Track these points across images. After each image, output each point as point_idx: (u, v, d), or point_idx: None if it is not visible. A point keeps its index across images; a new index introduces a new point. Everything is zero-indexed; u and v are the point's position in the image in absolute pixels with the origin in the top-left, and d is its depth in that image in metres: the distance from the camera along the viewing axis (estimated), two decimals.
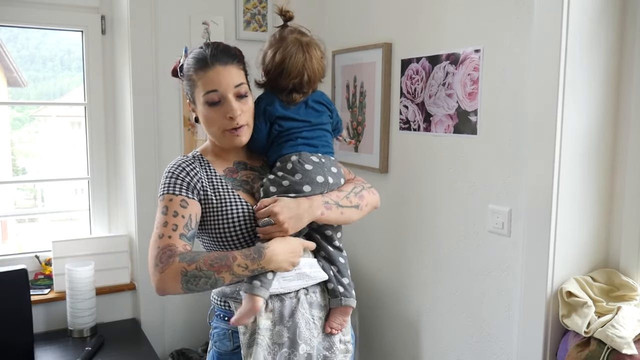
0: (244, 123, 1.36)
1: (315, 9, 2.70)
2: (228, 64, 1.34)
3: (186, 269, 1.21)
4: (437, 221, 2.04)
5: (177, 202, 1.29)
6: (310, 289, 1.41)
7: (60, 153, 2.84)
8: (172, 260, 1.21)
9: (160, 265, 1.22)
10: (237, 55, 1.39)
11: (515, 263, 1.72)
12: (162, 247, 1.24)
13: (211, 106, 1.33)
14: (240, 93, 1.35)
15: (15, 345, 2.06)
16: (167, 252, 1.23)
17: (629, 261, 1.58)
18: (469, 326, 1.92)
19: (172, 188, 1.32)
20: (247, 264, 1.24)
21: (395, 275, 2.28)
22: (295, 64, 1.39)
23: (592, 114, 1.57)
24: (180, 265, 1.21)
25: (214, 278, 1.22)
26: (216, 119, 1.34)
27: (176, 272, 1.21)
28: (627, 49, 1.56)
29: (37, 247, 2.48)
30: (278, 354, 1.32)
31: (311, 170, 1.37)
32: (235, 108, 1.32)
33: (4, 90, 2.60)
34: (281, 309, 1.34)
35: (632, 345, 1.36)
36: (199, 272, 1.21)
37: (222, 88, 1.32)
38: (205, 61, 1.33)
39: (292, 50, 1.39)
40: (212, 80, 1.32)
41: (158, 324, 2.48)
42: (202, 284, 1.22)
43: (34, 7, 2.33)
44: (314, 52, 1.41)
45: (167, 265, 1.21)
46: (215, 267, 1.22)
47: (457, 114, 1.91)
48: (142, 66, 2.34)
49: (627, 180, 1.58)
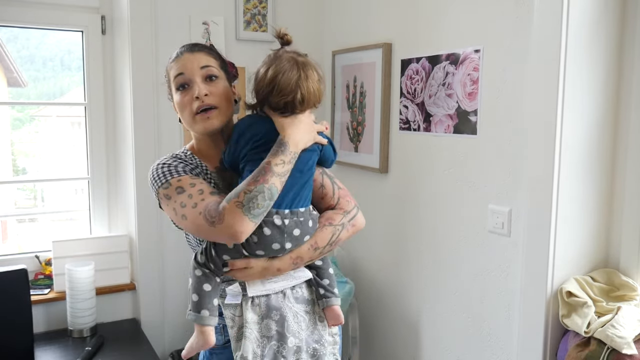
0: (212, 103, 1.34)
1: (315, 9, 2.70)
2: (195, 51, 1.38)
3: (239, 201, 1.18)
4: (437, 221, 2.04)
5: (187, 179, 1.29)
6: (296, 285, 1.41)
7: (60, 153, 2.84)
8: (221, 207, 1.19)
9: (214, 220, 1.19)
10: (207, 47, 1.41)
11: (515, 263, 1.72)
12: (203, 210, 1.22)
13: (180, 91, 1.36)
14: (208, 74, 1.36)
15: (15, 345, 2.06)
16: (211, 207, 1.21)
17: (629, 261, 1.58)
18: (469, 326, 1.92)
19: (175, 172, 1.31)
20: (283, 159, 1.23)
21: (395, 276, 2.28)
22: (288, 79, 1.30)
23: (592, 114, 1.57)
24: (232, 202, 1.19)
25: (267, 188, 1.19)
26: (186, 102, 1.35)
27: (233, 211, 1.18)
28: (627, 49, 1.56)
29: (37, 247, 2.48)
30: (267, 347, 1.32)
31: (269, 236, 1.27)
32: (201, 88, 1.33)
33: (4, 90, 2.61)
34: (267, 303, 1.34)
35: (632, 345, 1.36)
36: (251, 194, 1.18)
37: (188, 70, 1.35)
38: (176, 54, 1.39)
39: (285, 66, 1.31)
40: (179, 66, 1.36)
41: (158, 324, 2.48)
42: (262, 201, 1.19)
43: (34, 7, 2.33)
44: (311, 72, 1.33)
45: (222, 213, 1.18)
46: (260, 179, 1.20)
47: (457, 114, 1.91)
48: (142, 66, 2.34)
49: (627, 180, 1.58)
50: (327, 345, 1.42)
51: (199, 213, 1.22)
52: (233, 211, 1.17)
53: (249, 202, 1.18)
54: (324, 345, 1.41)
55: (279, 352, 1.33)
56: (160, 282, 2.47)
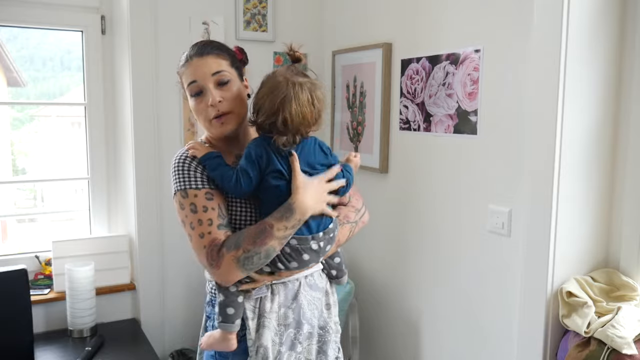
0: (227, 110, 1.36)
1: (315, 9, 2.70)
2: (204, 54, 1.37)
3: (236, 257, 1.26)
4: (437, 221, 2.04)
5: (203, 196, 1.32)
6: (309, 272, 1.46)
7: (60, 153, 2.84)
8: (221, 254, 1.27)
9: (213, 263, 1.28)
10: (216, 47, 1.40)
11: (515, 263, 1.72)
12: (207, 245, 1.29)
13: (194, 97, 1.37)
14: (220, 80, 1.36)
15: (15, 345, 2.06)
16: (214, 247, 1.28)
17: (629, 261, 1.58)
18: (468, 326, 1.92)
19: (194, 182, 1.33)
20: (285, 225, 1.27)
21: (396, 276, 2.28)
22: (273, 100, 1.27)
23: (592, 114, 1.57)
24: (230, 255, 1.26)
25: (264, 250, 1.26)
26: (201, 109, 1.37)
27: (229, 263, 1.26)
28: (627, 49, 1.56)
29: (37, 247, 2.47)
30: (285, 335, 1.37)
31: (307, 260, 1.34)
32: (214, 96, 1.34)
33: (4, 90, 2.61)
34: (285, 292, 1.39)
35: (632, 345, 1.36)
36: (248, 253, 1.25)
37: (200, 78, 1.35)
38: (186, 58, 1.39)
39: (275, 86, 1.28)
40: (190, 72, 1.37)
41: (158, 324, 2.48)
42: (257, 261, 1.26)
43: (34, 7, 2.33)
44: (302, 93, 1.27)
45: (220, 260, 1.27)
46: (259, 242, 1.25)
47: (457, 114, 1.91)
48: (142, 66, 2.34)
49: (627, 180, 1.58)
50: (332, 332, 1.47)
51: (203, 247, 1.29)
52: (229, 264, 1.26)
53: (245, 260, 1.26)
54: (328, 332, 1.47)
55: (295, 339, 1.38)
56: (160, 282, 2.47)
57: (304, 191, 1.29)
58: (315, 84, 1.32)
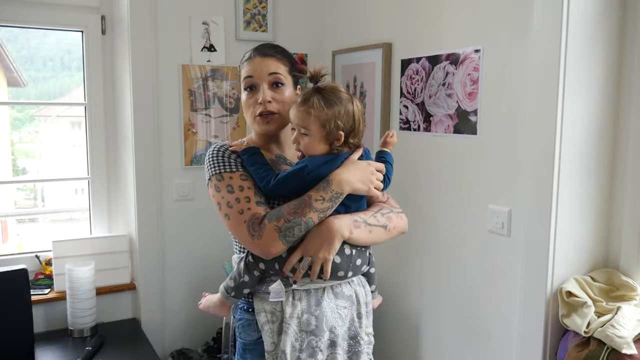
0: (274, 110, 1.42)
1: (315, 9, 2.70)
2: (267, 56, 1.44)
3: (278, 226, 1.28)
4: (437, 221, 2.04)
5: (238, 177, 1.36)
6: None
7: (60, 153, 2.84)
8: (263, 225, 1.29)
9: (255, 234, 1.30)
10: (280, 51, 1.47)
11: (515, 263, 1.72)
12: (248, 219, 1.31)
13: (247, 92, 1.44)
14: (275, 81, 1.42)
15: (15, 345, 2.06)
16: (255, 220, 1.31)
17: (628, 261, 1.58)
18: (469, 326, 1.92)
19: (228, 165, 1.38)
20: (322, 195, 1.30)
21: (395, 276, 2.28)
22: (357, 119, 1.37)
23: (592, 114, 1.57)
24: (272, 225, 1.29)
25: (304, 222, 1.29)
26: (250, 104, 1.43)
27: (271, 233, 1.28)
28: (627, 49, 1.56)
29: (38, 247, 2.48)
30: (305, 341, 1.35)
31: (339, 263, 1.36)
32: (266, 94, 1.40)
33: (4, 90, 2.61)
34: (308, 299, 1.37)
35: (632, 345, 1.36)
36: (290, 223, 1.28)
37: (257, 74, 1.42)
38: (249, 55, 1.47)
39: (350, 104, 1.36)
40: (250, 68, 1.44)
41: (158, 324, 2.48)
42: (298, 231, 1.29)
43: (34, 7, 2.33)
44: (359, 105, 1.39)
45: (262, 230, 1.29)
46: (299, 212, 1.29)
47: (457, 114, 1.91)
48: (142, 66, 2.34)
49: (627, 180, 1.58)
50: (363, 344, 1.44)
51: (244, 221, 1.31)
52: (271, 233, 1.29)
53: (287, 230, 1.28)
54: (359, 343, 1.43)
55: (316, 346, 1.36)
56: (160, 282, 2.47)
57: (345, 168, 1.33)
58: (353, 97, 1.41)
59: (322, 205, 1.29)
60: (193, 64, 2.46)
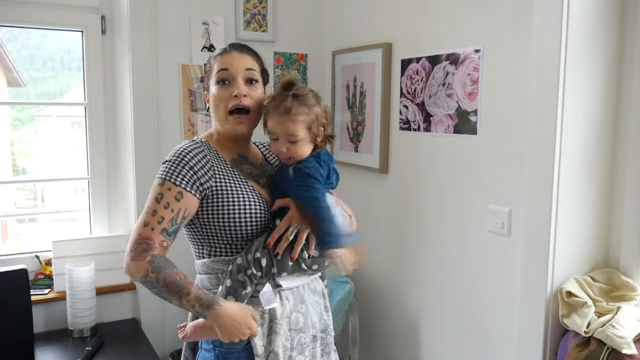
0: (249, 105, 1.39)
1: (315, 9, 2.70)
2: (244, 52, 1.43)
3: (148, 273, 1.27)
4: (437, 221, 2.04)
5: (174, 194, 1.31)
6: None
7: (60, 153, 2.84)
8: (144, 256, 1.28)
9: (132, 253, 1.28)
10: (254, 53, 1.47)
11: (515, 263, 1.72)
12: (142, 235, 1.29)
13: (220, 85, 1.40)
14: (250, 77, 1.41)
15: (15, 345, 2.06)
16: (144, 244, 1.28)
17: (629, 261, 1.58)
18: (468, 326, 1.92)
19: (175, 176, 1.33)
20: (196, 306, 1.29)
21: (396, 276, 2.28)
22: (328, 114, 1.46)
23: (592, 114, 1.57)
24: (146, 266, 1.27)
25: (165, 296, 1.29)
26: (223, 97, 1.39)
27: (140, 269, 1.27)
28: (627, 49, 1.56)
29: (37, 247, 2.47)
30: (295, 339, 1.38)
31: (317, 257, 1.43)
32: (242, 87, 1.38)
33: (4, 90, 2.61)
34: (294, 297, 1.40)
35: (632, 345, 1.36)
36: (156, 284, 1.28)
37: (233, 68, 1.39)
38: (224, 49, 1.44)
39: (320, 101, 1.45)
40: (225, 61, 1.41)
41: (158, 324, 2.48)
42: (155, 294, 1.31)
43: (34, 7, 2.33)
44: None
45: (138, 258, 1.28)
46: (171, 289, 1.28)
47: (457, 114, 1.91)
48: (142, 66, 2.34)
49: (627, 180, 1.58)
50: (331, 332, 1.51)
51: (139, 234, 1.29)
52: (139, 270, 1.27)
53: (149, 283, 1.28)
54: (329, 334, 1.50)
55: (304, 343, 1.40)
56: None
57: (234, 308, 1.30)
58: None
59: (188, 308, 1.30)
60: (193, 64, 2.46)
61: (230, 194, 1.35)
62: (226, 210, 1.34)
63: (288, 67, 2.66)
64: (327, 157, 1.44)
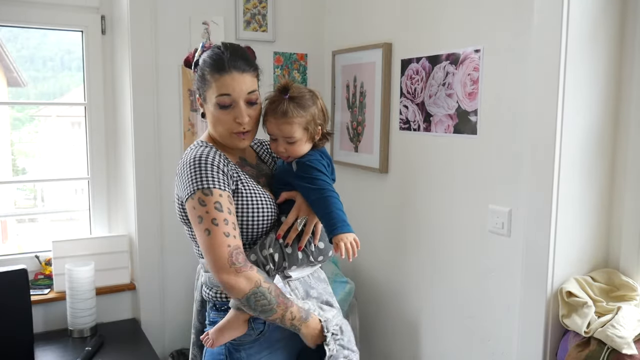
0: (251, 128, 1.42)
1: (315, 9, 2.70)
2: (245, 71, 1.38)
3: (261, 283, 1.28)
4: (437, 221, 2.04)
5: (227, 198, 1.31)
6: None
7: (60, 153, 2.84)
8: (250, 266, 1.29)
9: (237, 265, 1.26)
10: (254, 64, 1.43)
11: (515, 263, 1.72)
12: (233, 246, 1.27)
13: (222, 109, 1.38)
14: (251, 100, 1.40)
15: (15, 345, 2.06)
16: (240, 253, 1.28)
17: (629, 261, 1.58)
18: (468, 326, 1.92)
19: (219, 182, 1.31)
20: (296, 317, 1.33)
21: (395, 276, 2.28)
22: (325, 112, 1.51)
23: (592, 114, 1.57)
24: (258, 276, 1.28)
25: (273, 308, 1.29)
26: (225, 121, 1.38)
27: (251, 280, 1.27)
28: (627, 49, 1.56)
29: (37, 247, 2.47)
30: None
31: (322, 249, 1.51)
32: (245, 114, 1.37)
33: (4, 90, 2.60)
34: (304, 286, 1.44)
35: (632, 345, 1.36)
36: (268, 294, 1.28)
37: (236, 93, 1.37)
38: (222, 64, 1.37)
39: (319, 99, 1.49)
40: (226, 84, 1.36)
41: (158, 324, 2.48)
42: (260, 306, 1.28)
43: (34, 7, 2.33)
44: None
45: (245, 269, 1.27)
46: (281, 300, 1.30)
47: (457, 114, 1.91)
48: (142, 66, 2.34)
49: (627, 180, 1.58)
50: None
51: (227, 245, 1.27)
52: (250, 281, 1.26)
53: (261, 294, 1.28)
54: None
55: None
56: (160, 282, 2.47)
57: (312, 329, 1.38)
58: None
59: (287, 319, 1.32)
60: None
61: (247, 195, 1.38)
62: (246, 211, 1.37)
63: (288, 67, 2.66)
64: (327, 153, 1.51)
